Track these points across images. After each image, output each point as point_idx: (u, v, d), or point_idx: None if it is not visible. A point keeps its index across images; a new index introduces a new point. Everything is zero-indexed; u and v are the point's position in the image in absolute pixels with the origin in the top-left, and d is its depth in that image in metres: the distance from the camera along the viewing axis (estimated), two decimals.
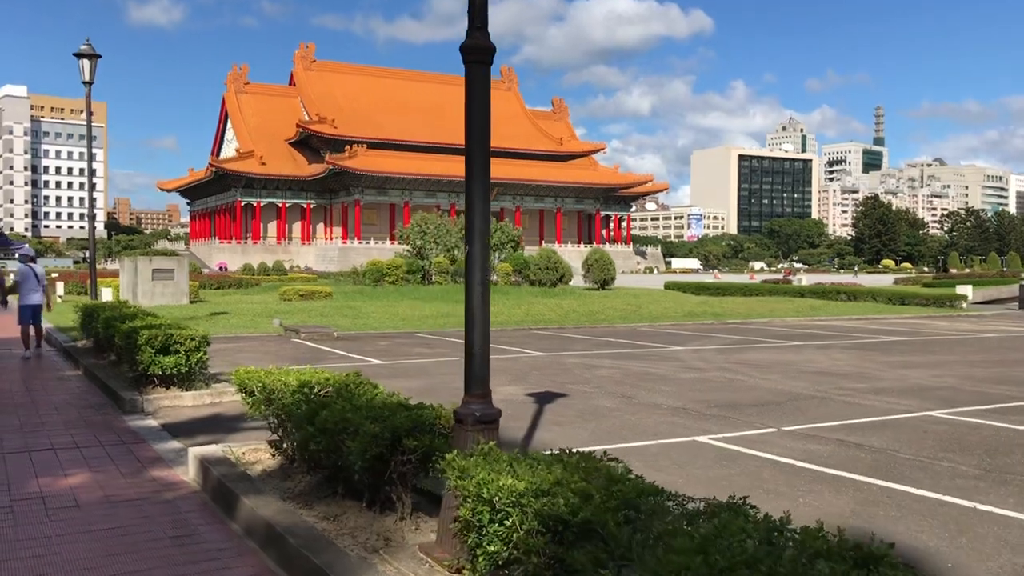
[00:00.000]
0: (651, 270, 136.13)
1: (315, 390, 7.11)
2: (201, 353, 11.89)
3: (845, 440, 9.25)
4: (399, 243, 49.70)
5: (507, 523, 3.72)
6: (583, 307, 31.32)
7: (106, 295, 25.10)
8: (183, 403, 11.62)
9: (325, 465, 6.20)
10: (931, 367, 16.20)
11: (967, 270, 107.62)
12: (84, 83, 19.46)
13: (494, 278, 42.95)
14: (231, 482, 6.67)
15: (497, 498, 3.78)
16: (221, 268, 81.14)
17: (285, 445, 7.36)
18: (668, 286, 48.21)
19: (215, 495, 6.90)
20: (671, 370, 15.42)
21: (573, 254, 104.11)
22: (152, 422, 10.50)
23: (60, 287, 38.31)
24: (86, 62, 19.35)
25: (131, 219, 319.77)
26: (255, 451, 7.95)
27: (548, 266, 41.77)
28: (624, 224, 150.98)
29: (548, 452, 4.30)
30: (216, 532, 6.06)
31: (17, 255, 19.37)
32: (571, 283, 45.53)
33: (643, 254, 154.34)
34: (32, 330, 17.44)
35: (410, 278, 41.30)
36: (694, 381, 13.93)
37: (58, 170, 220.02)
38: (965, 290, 35.11)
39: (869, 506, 6.68)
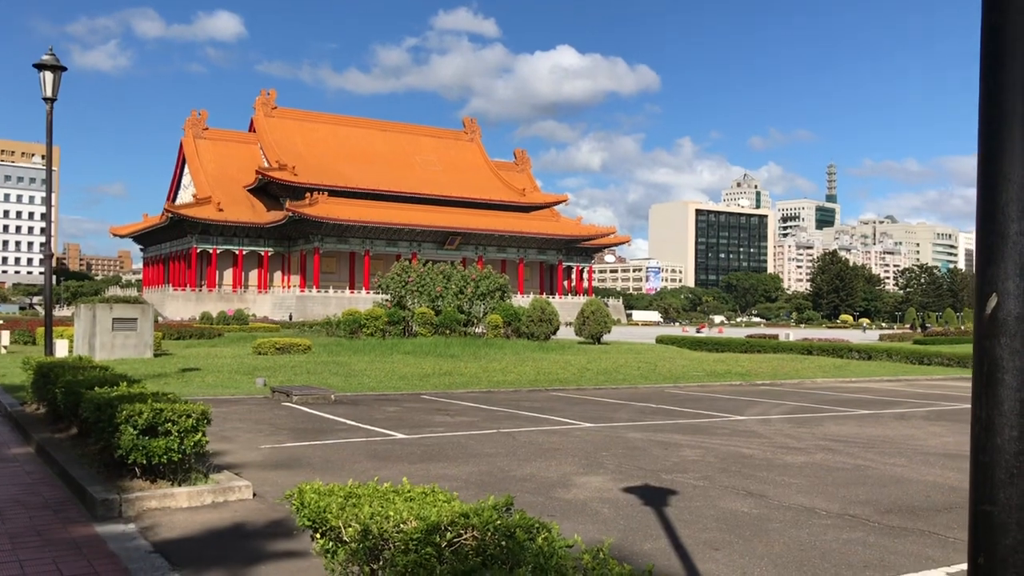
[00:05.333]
0: (617, 322, 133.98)
1: (447, 535, 4.25)
2: (199, 434, 8.92)
3: None
4: (375, 292, 46.65)
5: None
6: (593, 364, 28.54)
7: (61, 349, 21.83)
8: (176, 504, 8.60)
9: None
10: None
11: (940, 327, 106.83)
12: (45, 99, 16.43)
13: (480, 329, 40.01)
14: None
15: None
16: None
17: None
18: (661, 340, 45.72)
19: None
20: (765, 450, 12.67)
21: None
22: (137, 538, 7.47)
23: (5, 336, 34.61)
24: (48, 74, 16.35)
25: (81, 265, 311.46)
26: None
27: (542, 318, 38.90)
28: (586, 275, 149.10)
29: None
30: None
31: None
32: (557, 335, 42.84)
33: (605, 306, 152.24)
34: None
35: (390, 329, 38.21)
36: (812, 468, 11.20)
37: (6, 214, 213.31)
38: None
39: None
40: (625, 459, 11.65)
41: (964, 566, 6.66)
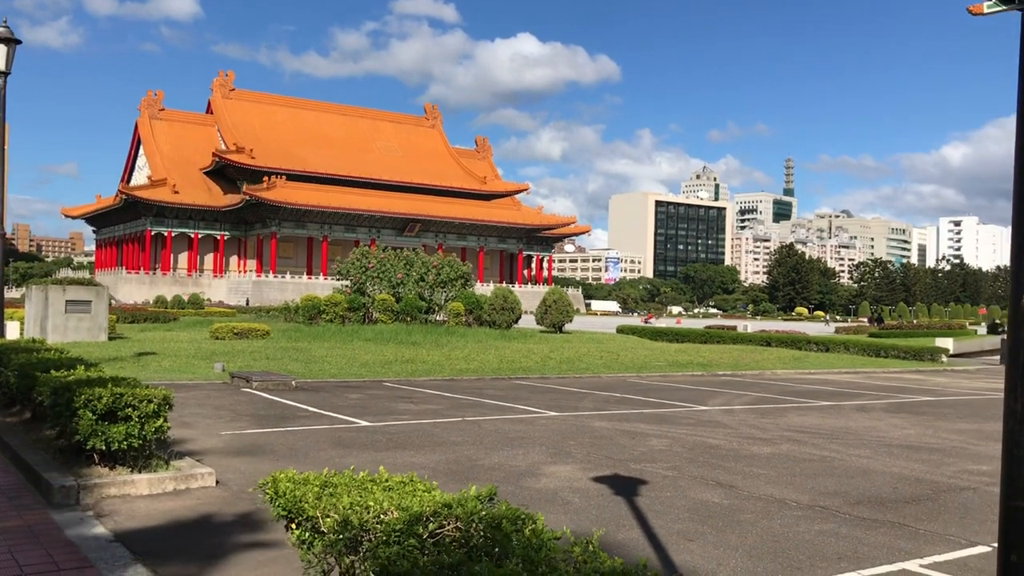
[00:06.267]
0: (576, 311, 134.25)
1: (430, 526, 4.11)
2: (160, 420, 8.70)
3: None
4: (334, 278, 46.18)
5: None
6: (556, 353, 28.48)
7: (12, 331, 21.28)
8: (137, 491, 8.36)
9: None
10: None
11: (895, 321, 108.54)
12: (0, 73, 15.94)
13: (442, 317, 39.77)
14: None
15: None
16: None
17: None
18: (621, 330, 45.78)
19: None
20: (731, 441, 12.68)
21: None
22: (97, 526, 7.23)
23: None
24: (1, 47, 15.87)
25: (31, 246, 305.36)
26: None
27: (504, 306, 38.76)
28: (546, 265, 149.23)
29: None
30: None
31: None
32: (518, 323, 42.73)
33: (567, 295, 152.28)
34: None
35: (350, 316, 37.83)
36: (779, 459, 11.21)
37: None
38: (946, 343, 33.55)
39: None
40: (592, 448, 11.58)
41: (936, 558, 6.68)
